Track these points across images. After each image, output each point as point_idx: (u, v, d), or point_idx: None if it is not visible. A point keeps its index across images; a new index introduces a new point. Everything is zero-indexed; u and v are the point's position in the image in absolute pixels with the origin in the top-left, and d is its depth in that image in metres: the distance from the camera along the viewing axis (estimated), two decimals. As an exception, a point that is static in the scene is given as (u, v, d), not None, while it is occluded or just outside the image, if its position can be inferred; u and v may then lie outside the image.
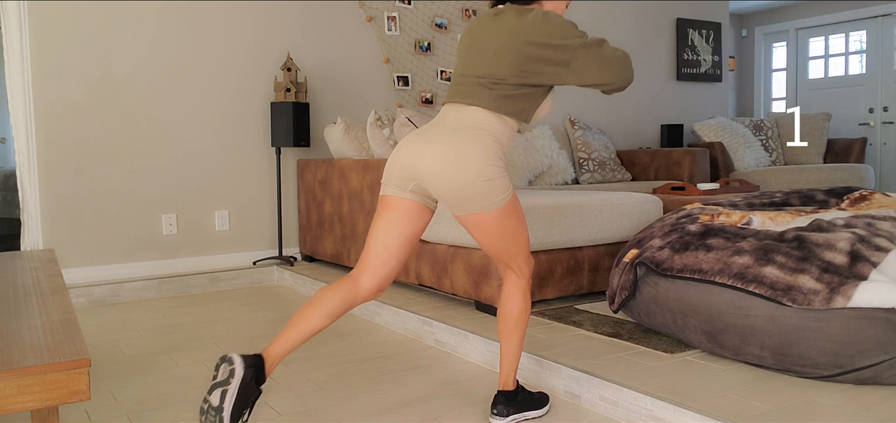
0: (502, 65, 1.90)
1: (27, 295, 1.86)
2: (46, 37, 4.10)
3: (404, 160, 1.95)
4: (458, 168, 1.87)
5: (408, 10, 5.28)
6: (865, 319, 2.06)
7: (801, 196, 3.10)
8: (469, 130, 1.91)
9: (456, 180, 1.87)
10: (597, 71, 1.87)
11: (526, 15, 1.91)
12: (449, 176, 1.88)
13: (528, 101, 1.95)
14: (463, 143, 1.89)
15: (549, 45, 1.87)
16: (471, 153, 1.88)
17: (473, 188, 1.88)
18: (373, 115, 4.07)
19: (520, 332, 2.11)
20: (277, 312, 3.77)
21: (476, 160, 1.87)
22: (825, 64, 8.02)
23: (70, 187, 4.19)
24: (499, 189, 1.91)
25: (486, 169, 1.88)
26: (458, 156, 1.87)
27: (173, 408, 2.36)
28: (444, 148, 1.89)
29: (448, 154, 1.88)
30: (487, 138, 1.91)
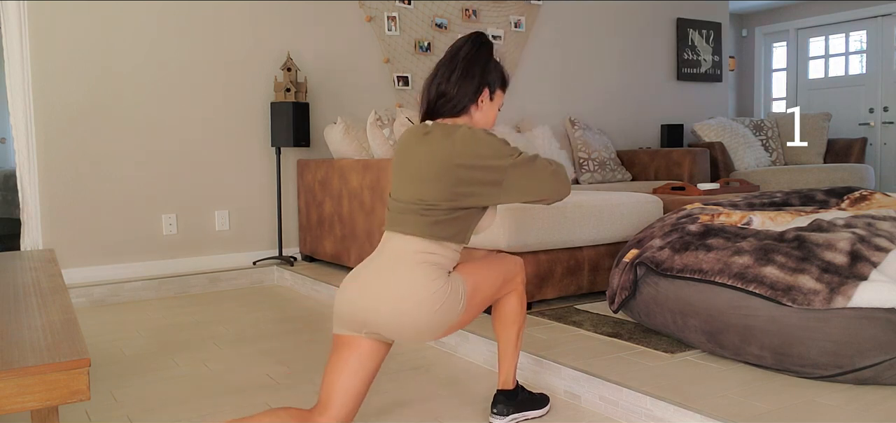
0: (432, 189, 1.81)
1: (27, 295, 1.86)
2: (46, 37, 4.10)
3: (351, 307, 1.84)
4: (403, 313, 1.78)
5: (408, 10, 5.28)
6: (865, 319, 2.06)
7: (801, 196, 3.10)
8: (406, 263, 1.81)
9: (406, 326, 1.79)
10: (531, 188, 1.82)
11: (454, 134, 1.82)
12: (397, 323, 1.79)
13: (464, 223, 1.85)
14: (401, 280, 1.79)
15: (479, 166, 1.79)
16: (411, 290, 1.78)
17: (429, 325, 1.81)
18: (373, 115, 4.07)
19: (515, 329, 2.09)
20: (277, 312, 3.77)
21: (419, 297, 1.78)
22: (825, 64, 8.02)
23: (70, 187, 4.19)
24: (451, 307, 1.82)
25: (430, 301, 1.78)
26: (399, 298, 1.78)
27: (173, 408, 2.36)
28: (384, 292, 1.80)
29: (390, 299, 1.79)
30: (426, 268, 1.80)
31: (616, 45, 6.45)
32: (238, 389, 2.54)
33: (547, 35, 6.01)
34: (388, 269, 1.83)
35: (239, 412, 2.31)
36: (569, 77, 6.16)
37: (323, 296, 4.05)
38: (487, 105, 1.94)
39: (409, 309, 1.78)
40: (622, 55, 6.50)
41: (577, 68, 6.22)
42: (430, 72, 1.95)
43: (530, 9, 5.88)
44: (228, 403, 2.39)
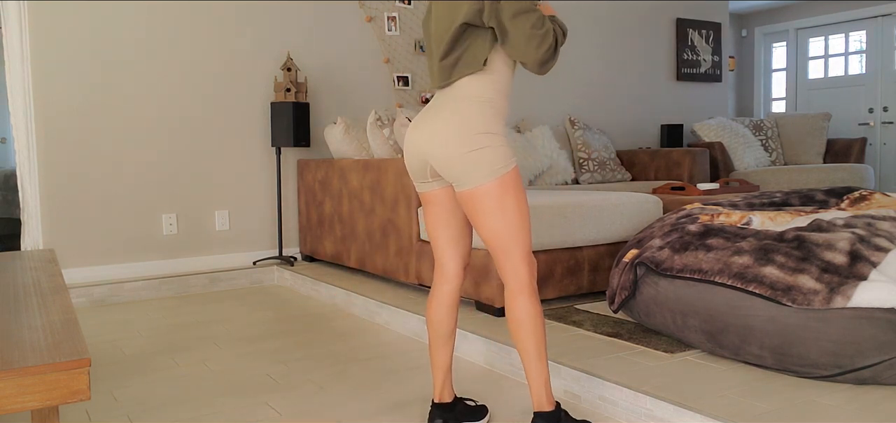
0: (452, 15, 1.89)
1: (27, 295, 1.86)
2: (46, 37, 4.10)
3: (411, 149, 1.98)
4: (453, 141, 1.86)
5: (408, 10, 5.28)
6: (865, 319, 2.06)
7: (801, 196, 3.10)
8: (459, 103, 1.90)
9: (453, 152, 1.86)
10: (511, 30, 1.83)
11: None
12: (447, 151, 1.87)
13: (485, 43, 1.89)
14: (454, 115, 1.88)
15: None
16: (462, 123, 1.87)
17: (457, 159, 1.86)
18: (373, 115, 4.07)
19: (534, 340, 1.89)
20: (277, 312, 3.77)
21: (456, 131, 1.86)
22: (825, 64, 8.02)
23: (70, 187, 4.19)
24: (495, 158, 1.86)
25: (468, 140, 1.85)
26: (450, 128, 1.87)
27: (173, 408, 2.36)
28: (437, 125, 1.90)
29: (442, 130, 1.89)
30: (479, 105, 1.89)
31: (616, 45, 6.45)
32: (238, 389, 2.54)
33: (547, 35, 5.99)
34: (438, 108, 1.92)
35: (239, 411, 2.31)
36: (569, 77, 6.16)
37: (323, 296, 4.05)
38: None
39: (447, 136, 1.86)
40: (622, 55, 6.50)
41: (577, 68, 6.22)
42: None
43: None
44: (228, 403, 2.39)
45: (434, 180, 1.99)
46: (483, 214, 1.87)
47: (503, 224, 1.87)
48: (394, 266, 3.77)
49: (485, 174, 1.85)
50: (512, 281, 1.91)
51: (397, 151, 3.99)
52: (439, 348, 2.07)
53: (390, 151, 4.00)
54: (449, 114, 1.89)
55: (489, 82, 1.91)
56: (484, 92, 1.90)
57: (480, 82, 1.90)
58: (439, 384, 2.09)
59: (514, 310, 1.90)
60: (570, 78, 6.18)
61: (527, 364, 1.91)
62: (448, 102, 1.91)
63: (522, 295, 1.90)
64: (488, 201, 1.86)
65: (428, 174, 1.97)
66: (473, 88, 1.90)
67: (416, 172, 2.00)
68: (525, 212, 1.90)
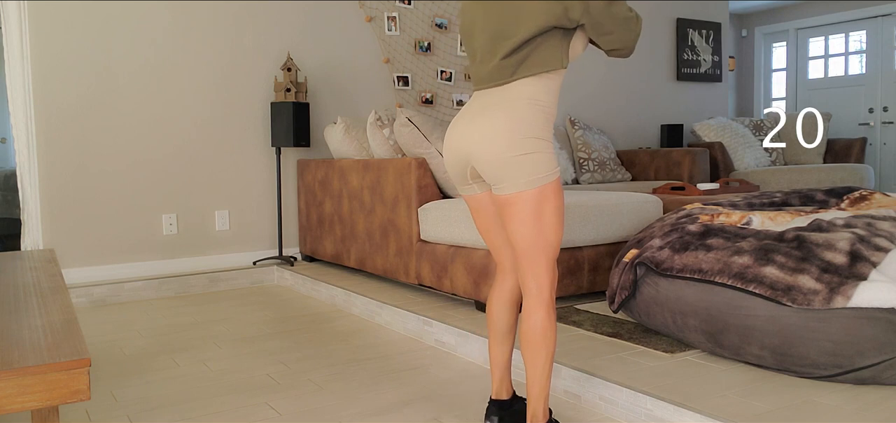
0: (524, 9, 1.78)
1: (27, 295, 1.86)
2: (46, 37, 4.10)
3: (453, 148, 1.90)
4: (499, 141, 1.78)
5: (408, 10, 5.28)
6: (865, 319, 2.06)
7: (801, 196, 3.10)
8: (512, 103, 1.80)
9: (497, 153, 1.78)
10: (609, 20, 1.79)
11: None
12: (490, 151, 1.79)
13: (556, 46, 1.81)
14: (504, 114, 1.79)
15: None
16: (512, 124, 1.78)
17: (503, 162, 1.77)
18: (373, 115, 4.07)
19: (544, 355, 1.86)
20: (277, 312, 3.77)
21: (518, 130, 1.77)
22: (825, 64, 8.02)
23: (70, 187, 4.19)
24: (540, 164, 1.78)
25: (518, 142, 1.77)
26: (498, 127, 1.78)
27: (173, 408, 2.36)
28: (484, 123, 1.81)
29: (488, 129, 1.80)
30: (533, 109, 1.80)
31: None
32: (238, 389, 2.54)
33: (547, 35, 6.00)
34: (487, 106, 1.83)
35: (239, 411, 2.31)
36: (569, 77, 6.16)
37: (323, 296, 4.05)
38: None
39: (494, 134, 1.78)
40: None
41: (577, 68, 6.22)
42: None
43: None
44: (228, 403, 2.39)
45: (475, 183, 1.93)
46: (518, 219, 1.81)
47: (536, 233, 1.81)
48: (394, 266, 3.77)
49: (529, 180, 1.78)
50: (533, 291, 1.86)
51: (397, 152, 3.99)
52: (498, 344, 2.05)
53: (390, 151, 4.00)
54: (501, 114, 1.80)
55: (546, 85, 1.83)
56: (539, 95, 1.82)
57: (538, 85, 1.82)
58: (497, 381, 2.07)
59: (531, 322, 1.85)
60: (571, 78, 6.18)
61: (531, 376, 1.88)
62: (501, 102, 1.82)
63: (541, 309, 1.85)
64: (527, 208, 1.79)
65: (468, 176, 1.91)
66: (530, 89, 1.81)
67: (456, 174, 1.93)
68: (561, 224, 1.85)
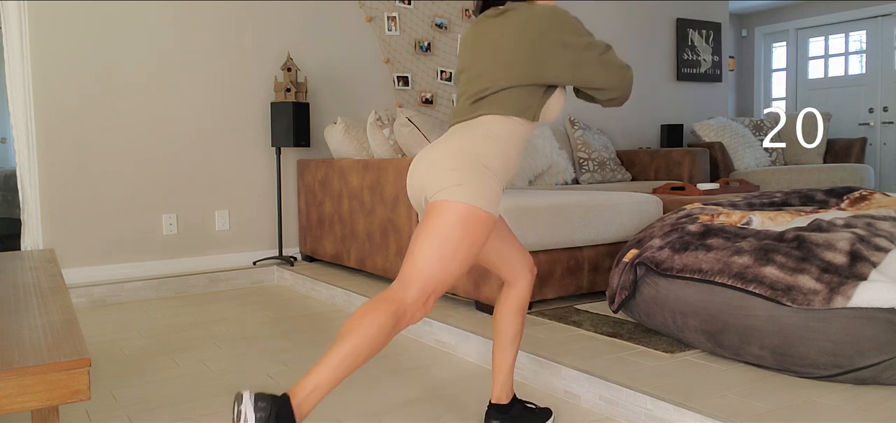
0: (508, 61, 1.77)
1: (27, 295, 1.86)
2: (46, 37, 4.10)
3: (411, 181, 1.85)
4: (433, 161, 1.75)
5: (408, 10, 5.28)
6: (865, 319, 2.06)
7: (801, 196, 3.10)
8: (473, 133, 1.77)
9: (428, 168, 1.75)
10: (601, 72, 1.77)
11: (533, 8, 1.80)
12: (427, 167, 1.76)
13: (536, 98, 1.80)
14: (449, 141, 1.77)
15: (558, 40, 1.75)
16: (450, 147, 1.74)
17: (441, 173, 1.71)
18: (373, 115, 4.07)
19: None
20: (277, 312, 3.77)
21: (452, 151, 1.73)
22: (825, 64, 8.02)
23: (70, 187, 4.19)
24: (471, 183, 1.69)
25: (458, 158, 1.71)
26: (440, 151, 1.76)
27: (173, 408, 2.36)
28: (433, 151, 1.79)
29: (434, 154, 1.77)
30: (478, 137, 1.76)
31: (616, 45, 6.45)
32: (238, 389, 2.54)
33: (547, 35, 6.00)
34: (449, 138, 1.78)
35: (239, 411, 2.31)
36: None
37: (323, 296, 4.05)
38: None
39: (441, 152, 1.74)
40: (622, 55, 6.49)
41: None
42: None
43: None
44: (228, 403, 2.39)
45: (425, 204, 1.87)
46: (428, 224, 1.69)
47: (436, 248, 1.67)
48: (394, 266, 3.77)
49: (460, 193, 1.67)
50: (396, 286, 1.70)
51: (397, 152, 3.99)
52: (501, 350, 2.06)
53: (390, 151, 4.00)
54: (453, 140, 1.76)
55: (509, 127, 1.79)
56: (500, 132, 1.78)
57: (500, 123, 1.78)
58: (498, 386, 2.07)
59: (367, 315, 1.63)
60: (570, 78, 6.17)
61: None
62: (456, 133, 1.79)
63: (387, 308, 1.65)
64: (442, 220, 1.67)
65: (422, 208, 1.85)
66: (491, 124, 1.78)
67: (416, 206, 1.88)
68: (463, 264, 1.70)
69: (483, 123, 1.79)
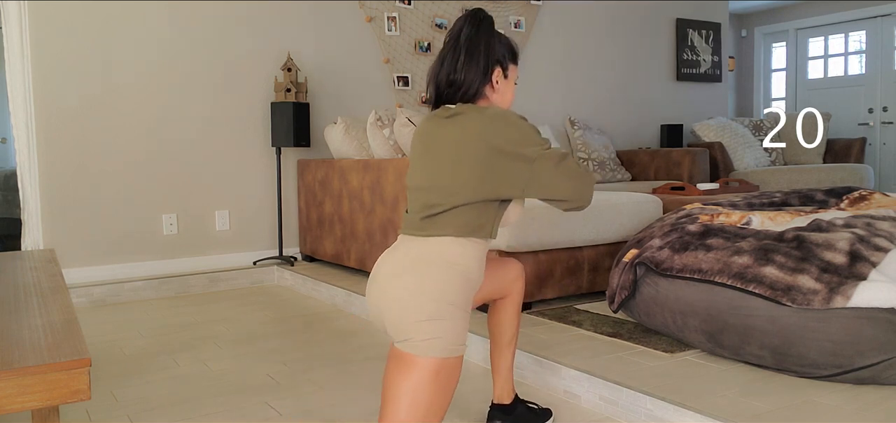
0: (462, 173, 1.66)
1: (27, 295, 1.86)
2: (46, 37, 4.10)
3: (370, 301, 1.74)
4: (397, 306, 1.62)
5: (408, 10, 5.28)
6: (865, 319, 2.06)
7: (801, 196, 3.10)
8: (433, 265, 1.64)
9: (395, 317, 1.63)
10: (555, 185, 1.68)
11: (484, 113, 1.68)
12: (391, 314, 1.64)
13: (490, 214, 1.70)
14: (409, 278, 1.63)
15: (510, 151, 1.64)
16: (412, 290, 1.62)
17: (405, 326, 1.60)
18: (373, 115, 4.07)
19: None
20: (278, 312, 3.77)
21: (415, 297, 1.61)
22: (825, 64, 8.02)
23: (70, 187, 4.19)
24: (433, 334, 1.58)
25: (424, 306, 1.60)
26: (401, 292, 1.63)
27: (173, 408, 2.36)
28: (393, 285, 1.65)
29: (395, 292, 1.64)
30: (453, 273, 1.64)
31: (616, 45, 6.45)
32: (238, 389, 2.54)
33: (546, 35, 6.01)
34: (406, 268, 1.66)
35: (239, 411, 2.31)
36: (569, 77, 6.17)
37: (323, 296, 4.05)
38: (503, 84, 1.80)
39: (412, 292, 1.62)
40: (622, 55, 6.50)
41: (577, 68, 6.22)
42: (435, 61, 1.80)
43: (530, 9, 5.88)
44: (228, 403, 2.40)
45: None
46: (398, 379, 1.60)
47: (411, 406, 1.59)
48: (394, 266, 3.77)
49: (432, 348, 1.59)
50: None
51: (397, 151, 3.99)
52: (499, 351, 2.07)
53: (390, 151, 4.00)
54: (414, 278, 1.63)
55: (468, 249, 1.68)
56: (459, 258, 1.66)
57: (458, 247, 1.67)
58: (499, 386, 2.08)
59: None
60: (570, 78, 6.18)
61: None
62: (416, 263, 1.65)
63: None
64: (410, 375, 1.59)
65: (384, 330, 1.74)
66: (449, 249, 1.66)
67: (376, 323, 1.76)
68: (441, 409, 1.62)
69: (439, 249, 1.66)
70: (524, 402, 2.14)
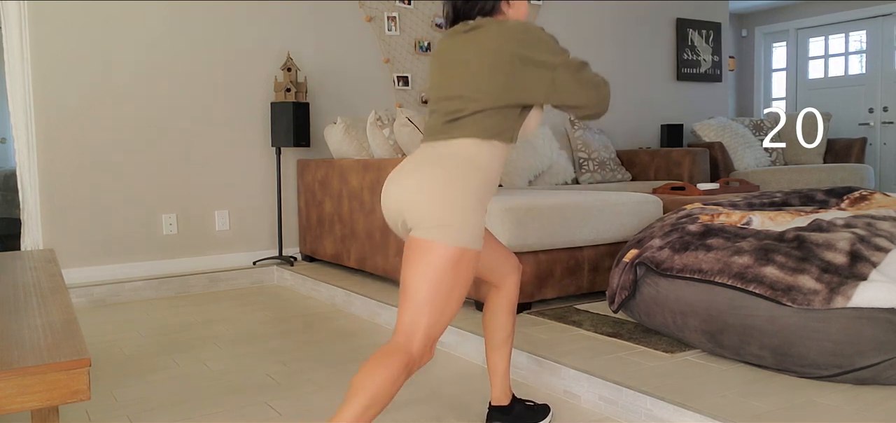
0: (483, 82, 1.72)
1: (27, 295, 1.86)
2: (46, 37, 4.10)
3: (386, 202, 1.79)
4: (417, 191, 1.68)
5: (408, 10, 5.28)
6: (865, 319, 2.06)
7: (801, 196, 3.10)
8: (452, 159, 1.71)
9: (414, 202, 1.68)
10: (578, 90, 1.73)
11: (505, 25, 1.74)
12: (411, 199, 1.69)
13: (511, 120, 1.76)
14: (443, 168, 1.70)
15: (532, 59, 1.70)
16: (434, 179, 1.68)
17: (426, 210, 1.66)
18: (373, 115, 4.07)
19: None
20: (277, 312, 3.77)
21: (438, 185, 1.67)
22: (825, 64, 8.02)
23: (70, 187, 4.19)
24: (455, 224, 1.65)
25: (447, 196, 1.66)
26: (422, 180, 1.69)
27: (173, 408, 2.36)
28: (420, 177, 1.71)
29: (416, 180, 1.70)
30: (473, 167, 1.71)
31: (616, 45, 6.45)
32: (238, 389, 2.54)
33: (547, 35, 6.00)
34: (425, 162, 1.73)
35: (239, 411, 2.31)
36: (569, 77, 6.16)
37: (323, 296, 4.05)
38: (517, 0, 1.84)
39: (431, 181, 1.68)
40: (622, 55, 6.50)
41: (577, 68, 6.21)
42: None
43: (530, 9, 5.88)
44: (228, 403, 2.39)
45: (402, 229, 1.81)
46: (418, 266, 1.65)
47: (432, 292, 1.65)
48: (394, 266, 3.77)
49: (445, 234, 1.64)
50: (401, 339, 1.67)
51: (397, 151, 3.99)
52: (494, 351, 2.06)
53: (390, 151, 4.00)
54: (436, 170, 1.70)
55: (489, 151, 1.74)
56: (481, 158, 1.73)
57: (480, 148, 1.73)
58: (496, 387, 2.08)
59: (376, 369, 1.61)
60: (570, 78, 6.17)
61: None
62: (439, 159, 1.73)
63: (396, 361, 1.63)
64: (431, 261, 1.64)
65: (402, 231, 1.79)
66: (471, 150, 1.73)
67: (394, 227, 1.82)
68: (460, 300, 1.69)
69: (462, 149, 1.73)
70: (522, 401, 2.13)
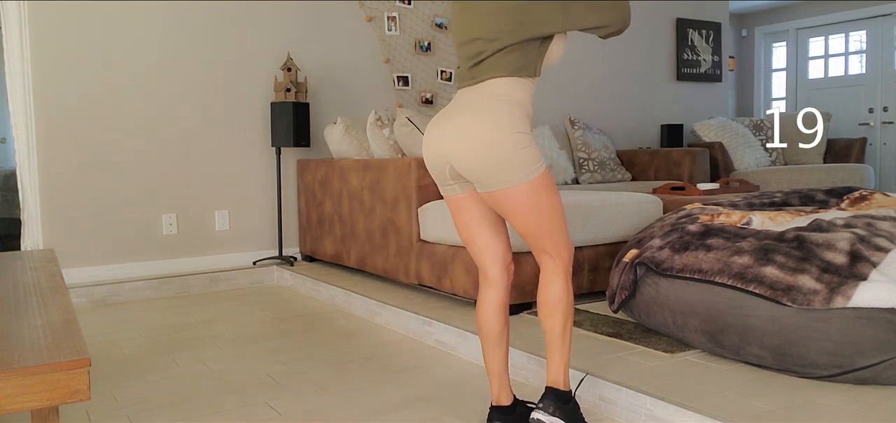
0: (498, 20, 1.81)
1: (27, 295, 1.86)
2: (46, 37, 4.10)
3: (431, 148, 1.91)
4: (482, 140, 1.79)
5: (408, 10, 5.28)
6: (865, 319, 2.06)
7: (801, 196, 3.10)
8: (489, 101, 1.83)
9: (481, 153, 1.80)
10: (591, 13, 1.79)
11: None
12: (473, 151, 1.81)
13: (533, 53, 1.85)
14: (484, 113, 1.81)
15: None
16: (493, 122, 1.80)
17: (500, 158, 1.79)
18: (373, 115, 4.07)
19: (560, 318, 1.94)
20: (277, 312, 3.77)
21: (500, 128, 1.79)
22: (825, 64, 8.02)
23: (70, 187, 4.19)
24: (528, 159, 1.82)
25: (512, 136, 1.79)
26: (480, 126, 1.80)
27: (173, 408, 2.36)
28: (464, 122, 1.83)
29: (470, 128, 1.82)
30: (510, 105, 1.82)
31: (616, 45, 6.45)
32: (238, 389, 2.54)
33: (547, 35, 6.00)
34: (468, 107, 1.85)
35: (239, 411, 2.31)
36: (569, 77, 6.16)
37: (323, 296, 4.05)
38: None
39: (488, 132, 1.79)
40: (622, 55, 6.50)
41: (577, 68, 6.22)
42: None
43: None
44: (228, 403, 2.39)
45: (456, 183, 1.94)
46: (516, 214, 1.86)
47: (536, 223, 1.87)
48: (394, 266, 3.77)
49: (516, 177, 1.81)
50: (549, 265, 1.93)
51: (397, 151, 3.99)
52: (491, 351, 2.05)
53: (390, 151, 4.00)
54: (479, 114, 1.82)
55: (519, 85, 1.85)
56: (513, 93, 1.84)
57: (510, 85, 1.84)
58: (496, 388, 2.06)
59: (550, 292, 1.93)
60: (570, 78, 6.18)
61: (550, 344, 1.97)
62: (477, 102, 1.84)
63: (558, 279, 1.92)
64: (523, 202, 1.84)
65: (448, 176, 1.92)
66: (503, 88, 1.84)
67: (437, 174, 1.95)
68: (559, 209, 1.89)
69: (495, 89, 1.84)
70: (523, 402, 2.13)
